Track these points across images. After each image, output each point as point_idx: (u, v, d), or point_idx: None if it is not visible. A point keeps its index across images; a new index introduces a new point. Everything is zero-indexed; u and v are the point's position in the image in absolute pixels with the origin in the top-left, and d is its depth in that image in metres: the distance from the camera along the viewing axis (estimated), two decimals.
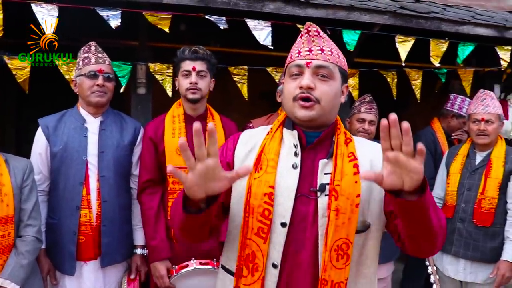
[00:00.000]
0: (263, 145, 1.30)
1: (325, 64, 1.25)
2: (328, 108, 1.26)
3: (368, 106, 2.84)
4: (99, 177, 2.21)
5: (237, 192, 1.31)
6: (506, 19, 3.64)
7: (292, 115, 1.28)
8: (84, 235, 2.15)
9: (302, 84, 1.23)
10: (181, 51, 2.35)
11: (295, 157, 1.27)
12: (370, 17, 3.03)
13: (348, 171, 1.24)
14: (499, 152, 2.72)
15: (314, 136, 1.29)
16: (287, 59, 1.33)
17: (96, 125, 2.29)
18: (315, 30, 1.29)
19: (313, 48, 1.26)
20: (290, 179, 1.25)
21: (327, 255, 1.18)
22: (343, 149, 1.28)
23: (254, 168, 1.26)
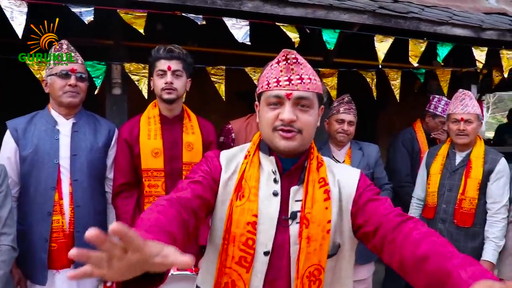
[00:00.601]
0: (242, 171, 1.26)
1: (306, 95, 1.21)
2: (309, 137, 1.25)
3: (347, 107, 2.80)
4: (72, 181, 2.12)
5: (217, 216, 1.26)
6: (482, 20, 3.68)
7: (272, 144, 1.24)
8: (56, 242, 2.06)
9: (284, 118, 1.19)
10: (156, 50, 2.27)
11: (275, 184, 1.25)
12: (349, 16, 3.01)
13: (318, 198, 1.23)
14: (478, 152, 2.73)
15: (290, 162, 1.26)
16: (262, 85, 1.26)
17: (68, 127, 2.19)
18: (293, 57, 1.24)
19: (292, 77, 1.21)
20: (272, 207, 1.22)
21: (299, 282, 1.17)
22: (314, 175, 1.26)
23: (235, 196, 1.23)
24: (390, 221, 1.13)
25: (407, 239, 1.06)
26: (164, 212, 1.05)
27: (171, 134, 2.32)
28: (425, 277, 0.98)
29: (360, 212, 1.22)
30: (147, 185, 2.25)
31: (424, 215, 2.84)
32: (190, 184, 1.21)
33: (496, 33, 3.58)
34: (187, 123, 2.38)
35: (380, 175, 2.93)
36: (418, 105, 6.29)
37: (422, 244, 1.02)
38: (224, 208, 1.23)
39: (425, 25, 3.28)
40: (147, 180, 2.25)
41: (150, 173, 2.25)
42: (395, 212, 1.17)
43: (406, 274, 1.05)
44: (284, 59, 1.24)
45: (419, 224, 1.11)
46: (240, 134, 2.67)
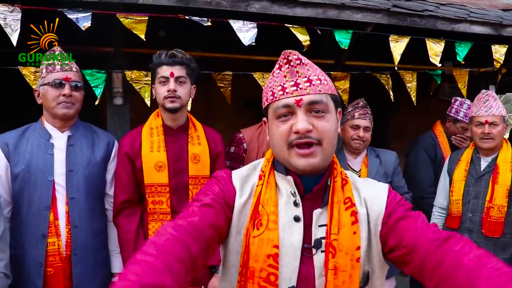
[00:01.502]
0: (258, 194, 1.09)
1: (318, 98, 1.04)
2: (330, 147, 1.07)
3: (362, 112, 2.61)
4: (68, 199, 1.95)
5: (231, 247, 1.09)
6: (501, 16, 3.49)
7: (288, 164, 1.07)
8: (52, 267, 1.89)
9: (299, 128, 1.02)
10: (157, 55, 2.12)
11: (295, 208, 1.07)
12: (362, 15, 2.84)
13: (345, 222, 1.05)
14: (505, 156, 2.55)
15: (312, 181, 1.08)
16: (267, 97, 1.10)
17: (63, 141, 2.03)
18: (296, 58, 1.08)
19: (299, 80, 1.05)
20: (294, 235, 1.05)
21: None
22: (339, 195, 1.09)
23: (251, 224, 1.05)
24: (429, 242, 0.97)
25: (459, 269, 0.89)
26: (168, 251, 0.88)
27: (175, 146, 2.15)
28: None
29: (391, 233, 1.05)
30: (151, 201, 2.08)
31: (448, 225, 2.65)
32: (202, 208, 1.04)
33: None
34: (193, 133, 2.21)
35: (399, 184, 2.73)
36: (431, 108, 6.12)
37: (480, 279, 0.85)
38: (240, 239, 1.07)
39: (442, 23, 3.09)
40: (151, 196, 2.08)
41: (154, 189, 2.08)
42: (431, 229, 1.01)
43: None
44: (286, 62, 1.08)
45: (466, 245, 0.95)
46: (252, 144, 2.50)
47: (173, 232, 0.94)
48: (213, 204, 1.06)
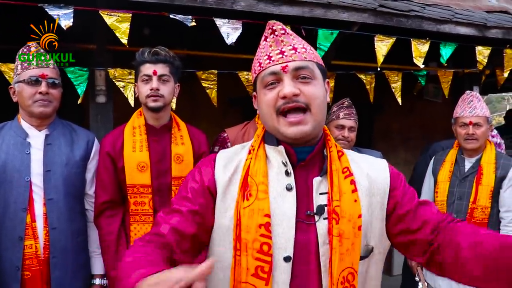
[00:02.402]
0: (247, 167, 1.09)
1: (304, 64, 1.06)
2: (320, 114, 1.08)
3: (347, 112, 2.60)
4: (46, 200, 1.89)
5: (221, 227, 1.08)
6: (485, 18, 3.52)
7: (278, 132, 1.08)
8: (29, 270, 1.83)
9: (285, 93, 1.03)
10: (140, 53, 2.07)
11: (287, 177, 1.07)
12: (349, 15, 2.83)
13: (346, 189, 1.06)
14: (489, 157, 2.56)
15: (304, 151, 1.09)
16: (255, 69, 1.13)
17: (41, 140, 1.97)
18: (280, 28, 1.11)
19: (284, 48, 1.08)
20: (287, 204, 1.04)
21: None
22: (337, 164, 1.10)
23: (241, 196, 1.05)
24: (441, 219, 1.09)
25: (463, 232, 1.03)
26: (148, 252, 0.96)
27: (158, 146, 2.11)
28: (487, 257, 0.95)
29: (409, 217, 1.09)
30: (133, 202, 2.04)
31: None
32: (176, 221, 1.06)
33: (501, 31, 3.43)
34: (176, 133, 2.17)
35: None
36: (415, 108, 6.17)
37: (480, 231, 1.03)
38: (229, 214, 1.06)
39: (428, 24, 3.10)
40: (133, 197, 2.04)
41: (136, 189, 2.04)
42: (446, 218, 1.11)
43: (466, 261, 0.99)
44: (271, 32, 1.11)
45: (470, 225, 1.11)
46: (237, 143, 2.43)
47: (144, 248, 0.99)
48: (183, 212, 1.07)
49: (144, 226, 2.03)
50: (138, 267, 0.86)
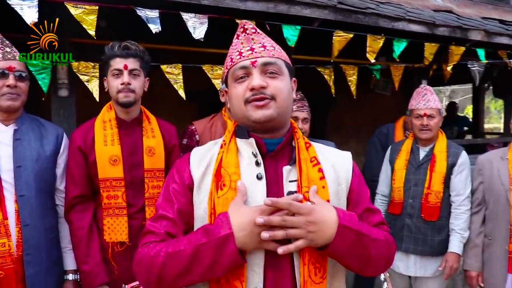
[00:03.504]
0: (219, 160, 1.17)
1: (272, 60, 1.17)
2: (284, 105, 1.17)
3: (299, 104, 2.72)
4: (18, 197, 1.85)
5: (198, 217, 1.15)
6: (434, 16, 3.76)
7: (247, 119, 1.16)
8: (2, 269, 1.78)
9: (254, 85, 1.12)
10: (110, 47, 2.06)
11: (257, 167, 1.15)
12: (311, 11, 2.93)
13: (314, 177, 1.15)
14: (441, 146, 2.76)
15: (273, 143, 1.19)
16: (227, 64, 1.22)
17: (9, 135, 1.92)
18: (251, 27, 1.21)
19: (254, 46, 1.18)
20: (257, 192, 1.12)
21: (305, 269, 1.08)
22: (305, 154, 1.20)
23: (215, 186, 1.13)
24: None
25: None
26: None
27: (130, 139, 2.11)
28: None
29: (353, 202, 1.21)
30: (106, 196, 2.03)
31: (391, 211, 2.83)
32: (166, 225, 1.15)
33: (447, 29, 3.67)
34: (147, 126, 2.18)
35: None
36: (366, 102, 6.44)
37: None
38: (204, 206, 1.14)
39: (384, 21, 3.28)
40: (106, 191, 2.03)
41: (108, 183, 2.03)
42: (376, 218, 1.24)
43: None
44: (243, 30, 1.21)
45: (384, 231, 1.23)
46: (205, 135, 2.50)
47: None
48: (175, 219, 1.15)
49: (117, 219, 2.03)
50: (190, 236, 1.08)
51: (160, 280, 1.07)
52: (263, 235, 1.01)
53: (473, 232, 2.62)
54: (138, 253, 1.12)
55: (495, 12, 4.68)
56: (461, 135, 7.51)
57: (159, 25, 2.50)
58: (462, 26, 3.75)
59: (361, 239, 1.10)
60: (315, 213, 1.04)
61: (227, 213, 1.05)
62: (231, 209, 1.06)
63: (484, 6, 4.71)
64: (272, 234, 1.02)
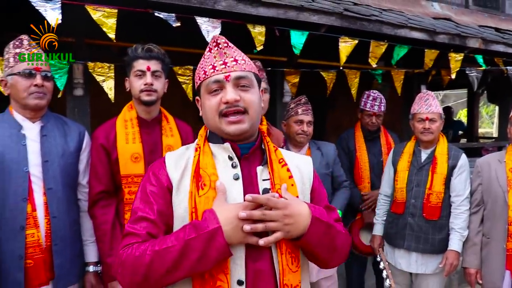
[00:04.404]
0: (196, 162, 1.24)
1: (244, 74, 1.24)
2: (256, 116, 1.26)
3: (304, 108, 2.84)
4: (46, 190, 1.94)
5: (178, 217, 1.21)
6: (433, 24, 3.90)
7: (221, 131, 1.25)
8: (32, 259, 1.86)
9: (228, 99, 1.20)
10: (134, 49, 2.15)
11: (233, 169, 1.25)
12: (318, 17, 3.05)
13: (284, 176, 1.27)
14: (442, 148, 2.88)
15: (246, 147, 1.28)
16: (200, 76, 1.28)
17: (36, 131, 2.01)
18: (224, 41, 1.28)
19: (227, 60, 1.24)
20: (235, 191, 1.22)
21: (283, 258, 1.18)
22: (274, 155, 1.30)
23: (195, 187, 1.20)
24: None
25: None
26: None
27: (150, 138, 2.21)
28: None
29: (315, 200, 1.34)
30: (128, 192, 2.12)
31: (393, 210, 2.94)
32: (147, 226, 1.19)
33: (447, 37, 3.81)
34: (166, 125, 2.28)
35: (339, 173, 3.02)
36: None
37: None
38: (183, 206, 1.20)
39: (387, 28, 3.40)
40: (127, 186, 2.12)
41: (130, 179, 2.12)
42: (334, 215, 1.36)
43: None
44: (215, 45, 1.27)
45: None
46: None
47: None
48: (155, 220, 1.19)
49: None
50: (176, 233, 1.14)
51: (145, 279, 1.11)
52: (245, 228, 1.11)
53: (472, 231, 2.73)
54: (120, 255, 1.15)
55: (491, 20, 4.84)
56: (455, 139, 7.68)
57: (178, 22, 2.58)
58: (461, 34, 3.90)
59: (329, 230, 1.23)
60: (290, 207, 1.16)
61: (213, 209, 1.13)
62: (216, 206, 1.14)
63: (480, 14, 4.87)
64: (253, 226, 1.12)
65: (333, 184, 2.99)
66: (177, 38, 3.30)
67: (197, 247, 1.08)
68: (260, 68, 2.39)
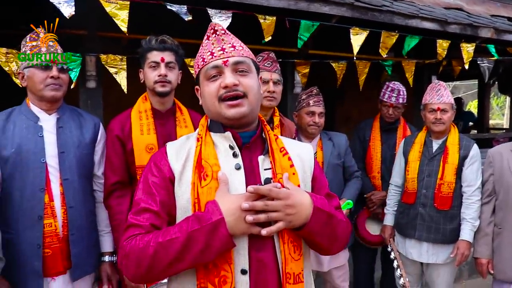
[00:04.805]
0: (198, 152, 1.24)
1: (242, 59, 1.25)
2: (255, 101, 1.27)
3: (316, 99, 2.83)
4: (62, 180, 1.98)
5: (180, 208, 1.22)
6: (445, 14, 3.86)
7: (221, 116, 1.24)
8: (49, 248, 1.91)
9: (227, 83, 1.20)
10: (148, 41, 2.17)
11: (235, 158, 1.25)
12: (329, 8, 3.04)
13: (285, 165, 1.27)
14: (453, 139, 2.88)
15: (246, 136, 1.28)
16: (198, 63, 1.29)
17: (52, 123, 2.04)
18: (221, 28, 1.29)
19: (225, 46, 1.25)
20: (237, 181, 1.22)
21: (285, 247, 1.19)
22: (275, 144, 1.30)
23: (198, 177, 1.20)
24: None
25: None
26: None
27: (164, 129, 2.23)
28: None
29: (316, 187, 1.35)
30: None
31: (404, 201, 2.95)
32: (150, 218, 1.19)
33: (459, 27, 3.78)
34: (180, 116, 2.30)
35: (350, 163, 3.02)
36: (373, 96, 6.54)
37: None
38: (186, 197, 1.20)
39: (398, 18, 3.38)
40: None
41: None
42: (335, 202, 1.38)
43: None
44: (213, 32, 1.28)
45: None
46: None
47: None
48: (158, 211, 1.20)
49: None
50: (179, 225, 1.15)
51: (149, 271, 1.12)
52: (248, 218, 1.12)
53: (484, 222, 2.74)
54: (124, 247, 1.16)
55: (504, 9, 4.79)
56: (466, 130, 7.63)
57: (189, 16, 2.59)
58: (473, 23, 3.86)
59: (331, 219, 1.24)
60: (292, 197, 1.16)
61: (215, 200, 1.14)
62: (218, 197, 1.15)
63: (493, 3, 4.81)
64: (256, 217, 1.13)
65: (345, 174, 3.00)
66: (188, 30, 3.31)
67: (201, 238, 1.09)
68: (274, 59, 2.39)
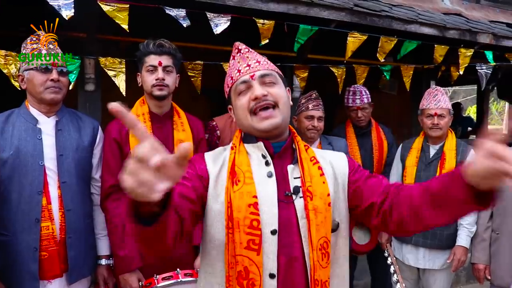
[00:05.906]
0: (232, 159, 1.29)
1: (268, 72, 1.31)
2: (286, 110, 1.31)
3: (315, 103, 2.84)
4: (60, 183, 1.98)
5: (214, 211, 1.25)
6: (444, 19, 3.88)
7: (254, 129, 1.29)
8: (46, 251, 1.91)
9: (256, 94, 1.26)
10: (145, 44, 2.18)
11: (267, 167, 1.29)
12: (328, 13, 3.06)
13: (315, 173, 1.29)
14: (450, 144, 2.88)
15: (277, 145, 1.32)
16: (228, 83, 1.36)
17: (51, 126, 2.05)
18: (244, 47, 1.37)
19: (250, 62, 1.32)
20: (269, 187, 1.25)
21: (314, 254, 1.21)
22: (305, 154, 1.33)
23: (230, 182, 1.25)
24: (390, 184, 1.29)
25: (411, 187, 1.21)
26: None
27: (162, 132, 2.23)
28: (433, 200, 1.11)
29: (361, 190, 1.30)
30: None
31: None
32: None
33: (457, 32, 3.79)
34: (177, 120, 2.31)
35: None
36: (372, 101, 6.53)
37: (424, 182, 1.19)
38: (221, 200, 1.24)
39: (397, 23, 3.40)
40: None
41: None
42: (395, 184, 1.29)
43: (419, 207, 1.14)
44: (237, 51, 1.37)
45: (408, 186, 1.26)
46: (225, 132, 2.63)
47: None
48: (185, 183, 1.18)
49: None
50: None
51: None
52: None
53: (481, 227, 2.73)
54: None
55: (503, 15, 4.81)
56: (465, 135, 7.64)
57: (188, 21, 2.61)
58: (472, 29, 3.87)
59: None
60: None
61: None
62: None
63: (492, 9, 4.83)
64: None
65: None
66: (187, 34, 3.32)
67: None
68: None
